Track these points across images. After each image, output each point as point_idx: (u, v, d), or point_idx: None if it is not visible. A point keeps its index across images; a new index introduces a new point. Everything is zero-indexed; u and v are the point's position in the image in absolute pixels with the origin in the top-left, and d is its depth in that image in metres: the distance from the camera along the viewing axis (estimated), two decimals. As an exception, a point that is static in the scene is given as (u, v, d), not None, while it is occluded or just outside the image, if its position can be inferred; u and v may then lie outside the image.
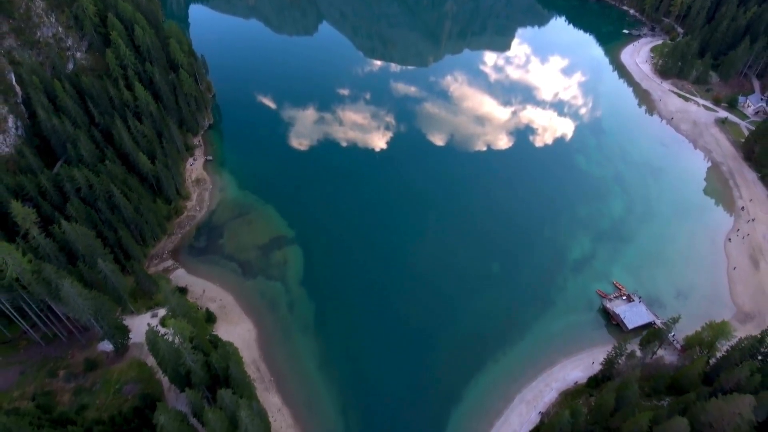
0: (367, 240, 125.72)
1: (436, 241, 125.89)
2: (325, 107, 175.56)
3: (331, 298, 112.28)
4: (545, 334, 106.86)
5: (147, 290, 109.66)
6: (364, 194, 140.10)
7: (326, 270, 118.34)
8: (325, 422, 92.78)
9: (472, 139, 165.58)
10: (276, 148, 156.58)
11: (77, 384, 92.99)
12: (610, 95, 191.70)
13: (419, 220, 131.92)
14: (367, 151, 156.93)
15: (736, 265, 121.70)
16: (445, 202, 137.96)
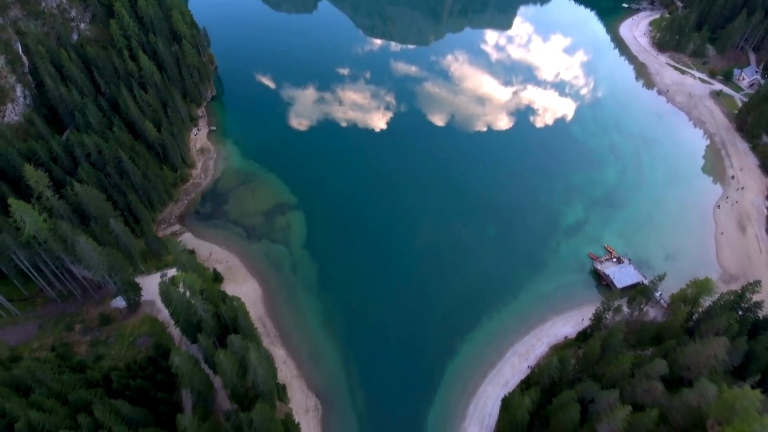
0: (368, 206, 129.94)
1: (434, 208, 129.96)
2: (325, 85, 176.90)
3: (333, 260, 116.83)
4: (538, 293, 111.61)
5: (156, 252, 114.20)
6: (364, 164, 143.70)
7: (328, 234, 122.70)
8: (327, 373, 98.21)
9: (471, 111, 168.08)
10: (277, 121, 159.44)
11: (93, 337, 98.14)
12: (608, 69, 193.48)
13: (418, 189, 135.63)
14: (367, 125, 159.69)
15: (723, 230, 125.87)
16: (443, 172, 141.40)
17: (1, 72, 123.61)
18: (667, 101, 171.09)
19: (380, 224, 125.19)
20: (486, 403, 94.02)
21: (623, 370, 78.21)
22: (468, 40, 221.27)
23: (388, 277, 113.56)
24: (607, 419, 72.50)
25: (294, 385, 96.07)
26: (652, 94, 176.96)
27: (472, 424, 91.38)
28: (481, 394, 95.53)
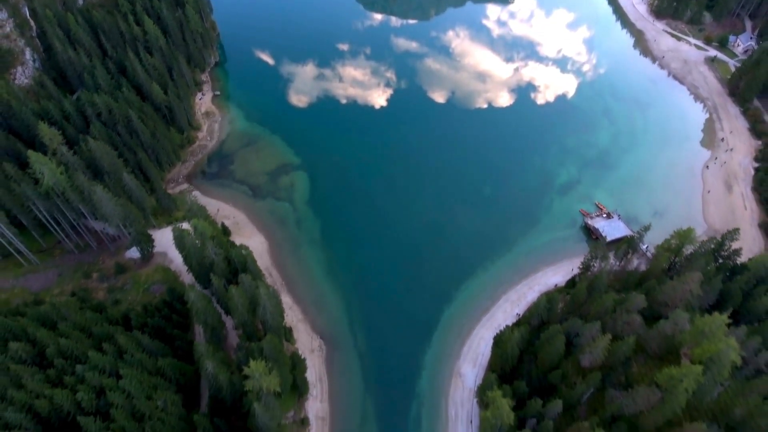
0: (369, 166, 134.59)
1: (432, 168, 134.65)
2: (324, 55, 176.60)
3: (335, 216, 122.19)
4: (530, 246, 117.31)
5: (166, 208, 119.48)
6: (365, 127, 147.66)
7: (330, 192, 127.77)
8: (331, 317, 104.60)
9: (471, 81, 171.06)
10: (280, 86, 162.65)
11: (110, 284, 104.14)
12: (605, 36, 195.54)
13: (418, 151, 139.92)
14: (367, 92, 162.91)
15: (710, 188, 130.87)
16: (442, 136, 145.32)
17: (10, 36, 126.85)
18: (662, 67, 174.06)
19: (381, 183, 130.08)
20: (479, 344, 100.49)
21: (606, 307, 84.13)
22: (469, 15, 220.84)
23: (387, 232, 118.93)
24: (590, 349, 78.82)
25: (300, 328, 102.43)
26: (648, 60, 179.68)
27: (466, 362, 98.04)
28: (474, 336, 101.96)
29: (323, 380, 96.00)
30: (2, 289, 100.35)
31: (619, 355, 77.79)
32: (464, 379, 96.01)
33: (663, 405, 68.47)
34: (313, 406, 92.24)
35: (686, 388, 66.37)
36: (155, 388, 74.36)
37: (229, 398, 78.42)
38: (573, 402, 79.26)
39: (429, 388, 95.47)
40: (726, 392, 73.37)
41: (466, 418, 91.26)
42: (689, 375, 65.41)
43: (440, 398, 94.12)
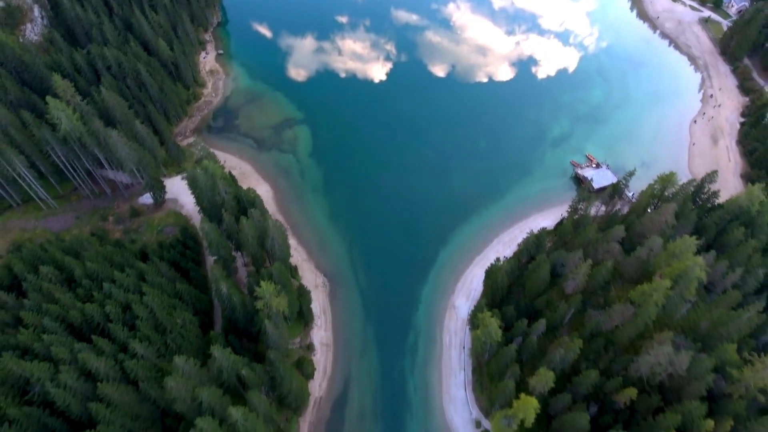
0: (370, 120, 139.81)
1: (430, 122, 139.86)
2: (325, 17, 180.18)
3: (337, 167, 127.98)
4: (523, 194, 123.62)
5: (176, 158, 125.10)
6: (366, 83, 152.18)
7: (332, 145, 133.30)
8: (333, 258, 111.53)
9: (470, 41, 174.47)
10: (282, 44, 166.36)
11: (125, 226, 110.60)
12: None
13: (417, 107, 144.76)
14: (368, 51, 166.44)
15: (696, 142, 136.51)
16: (441, 93, 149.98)
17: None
18: (656, 28, 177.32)
19: (381, 136, 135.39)
20: (472, 281, 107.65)
21: (589, 239, 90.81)
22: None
23: (387, 181, 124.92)
24: (572, 275, 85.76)
25: (304, 266, 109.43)
26: (643, 21, 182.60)
27: (460, 296, 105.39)
28: (468, 274, 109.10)
29: (327, 312, 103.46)
30: (25, 229, 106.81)
31: (598, 279, 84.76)
32: (458, 311, 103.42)
33: (635, 319, 75.69)
34: (317, 334, 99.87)
35: (656, 302, 73.43)
36: (174, 308, 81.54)
37: (241, 320, 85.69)
38: (556, 323, 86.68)
39: (425, 319, 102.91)
40: (694, 310, 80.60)
41: (459, 344, 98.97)
42: (659, 289, 72.38)
43: (435, 328, 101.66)
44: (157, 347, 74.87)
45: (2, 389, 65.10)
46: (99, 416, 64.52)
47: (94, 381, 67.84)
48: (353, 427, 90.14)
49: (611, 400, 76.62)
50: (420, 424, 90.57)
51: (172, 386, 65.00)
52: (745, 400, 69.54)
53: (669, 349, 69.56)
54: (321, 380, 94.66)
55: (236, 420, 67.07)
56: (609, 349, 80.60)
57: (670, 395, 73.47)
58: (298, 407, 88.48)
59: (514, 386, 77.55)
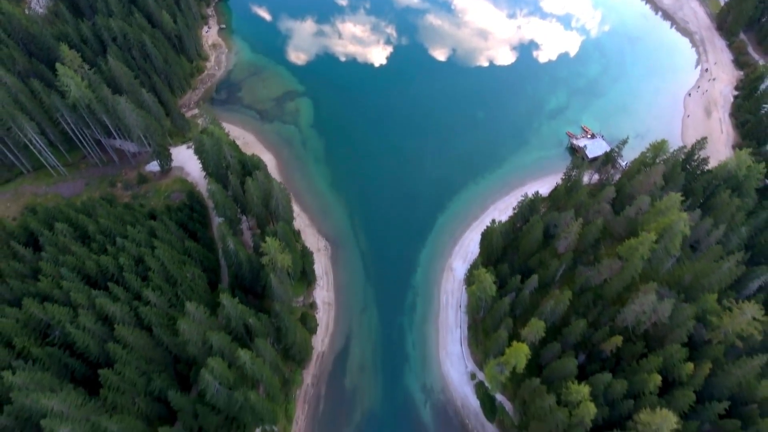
0: (370, 92, 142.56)
1: (430, 94, 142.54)
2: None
3: (338, 138, 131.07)
4: (519, 163, 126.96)
5: (181, 128, 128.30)
6: (367, 57, 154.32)
7: (334, 116, 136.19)
8: (335, 223, 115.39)
9: (470, 17, 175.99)
10: (283, 19, 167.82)
11: (133, 192, 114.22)
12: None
13: (417, 80, 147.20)
14: (370, 26, 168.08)
15: (690, 114, 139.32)
16: (439, 67, 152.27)
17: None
18: (654, 4, 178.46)
19: (382, 108, 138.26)
20: (469, 244, 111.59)
21: (581, 201, 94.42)
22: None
23: (387, 150, 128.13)
24: (564, 234, 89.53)
25: (307, 231, 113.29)
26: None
27: (457, 259, 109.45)
28: (465, 238, 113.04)
29: (329, 273, 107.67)
30: (37, 194, 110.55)
31: (589, 238, 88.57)
32: (455, 272, 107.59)
33: (623, 272, 79.66)
34: (320, 294, 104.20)
35: (642, 255, 77.31)
36: (183, 264, 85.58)
37: (247, 276, 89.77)
38: (548, 280, 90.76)
39: (423, 280, 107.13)
40: (679, 266, 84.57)
41: (456, 303, 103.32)
42: (645, 242, 76.23)
43: (433, 288, 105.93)
44: (168, 297, 79.00)
45: (25, 331, 69.36)
46: (116, 356, 68.87)
47: (110, 325, 72.07)
48: (354, 379, 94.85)
49: (599, 350, 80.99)
50: (418, 376, 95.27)
51: (185, 329, 69.25)
52: (723, 345, 73.79)
53: (653, 298, 73.59)
54: (323, 336, 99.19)
55: (244, 362, 71.55)
56: (597, 303, 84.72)
57: (654, 343, 77.72)
58: (302, 360, 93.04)
59: (507, 336, 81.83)
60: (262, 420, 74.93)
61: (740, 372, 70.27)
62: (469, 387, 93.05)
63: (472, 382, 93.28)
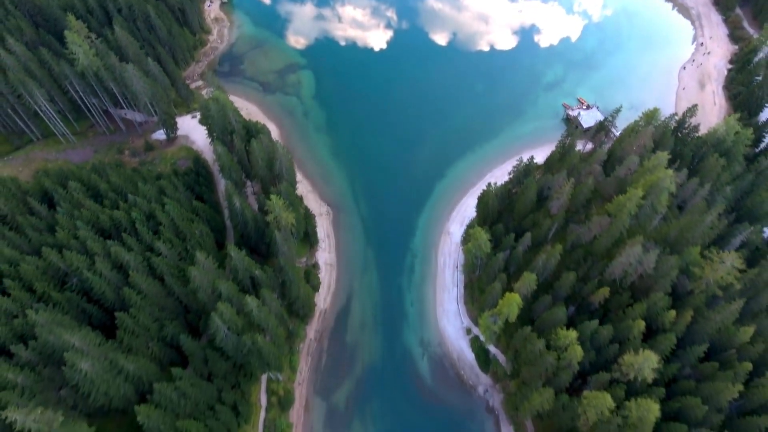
0: (371, 64, 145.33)
1: (429, 68, 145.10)
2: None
3: (339, 108, 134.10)
4: (516, 133, 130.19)
5: (185, 98, 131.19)
6: (368, 31, 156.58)
7: (335, 88, 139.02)
8: (336, 189, 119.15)
9: None
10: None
11: (141, 159, 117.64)
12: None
13: (416, 53, 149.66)
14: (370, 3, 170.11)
15: (685, 86, 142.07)
16: (440, 39, 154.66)
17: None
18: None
19: (382, 79, 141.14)
20: (466, 210, 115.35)
21: (573, 163, 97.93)
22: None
23: (387, 120, 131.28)
24: (557, 195, 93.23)
25: (309, 197, 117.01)
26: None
27: (454, 224, 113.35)
28: (462, 203, 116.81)
29: (330, 236, 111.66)
30: (48, 160, 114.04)
31: (580, 198, 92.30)
32: (452, 236, 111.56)
33: (611, 228, 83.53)
34: (322, 256, 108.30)
35: (630, 211, 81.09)
36: (192, 221, 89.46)
37: (253, 235, 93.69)
38: (541, 239, 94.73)
39: (422, 243, 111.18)
40: (665, 223, 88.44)
41: (453, 264, 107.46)
42: (632, 198, 79.96)
43: (431, 251, 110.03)
44: (178, 251, 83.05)
45: (45, 277, 73.46)
46: (131, 302, 73.13)
47: (125, 274, 76.21)
48: (355, 335, 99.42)
49: (588, 302, 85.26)
50: (416, 332, 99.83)
51: (195, 275, 73.36)
52: (705, 295, 77.96)
53: (639, 250, 77.55)
54: (325, 295, 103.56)
55: (251, 309, 75.79)
56: (587, 259, 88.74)
57: (640, 294, 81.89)
58: (305, 316, 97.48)
59: (501, 289, 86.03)
60: (269, 365, 79.37)
61: (719, 317, 74.48)
62: (465, 341, 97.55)
63: (467, 336, 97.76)
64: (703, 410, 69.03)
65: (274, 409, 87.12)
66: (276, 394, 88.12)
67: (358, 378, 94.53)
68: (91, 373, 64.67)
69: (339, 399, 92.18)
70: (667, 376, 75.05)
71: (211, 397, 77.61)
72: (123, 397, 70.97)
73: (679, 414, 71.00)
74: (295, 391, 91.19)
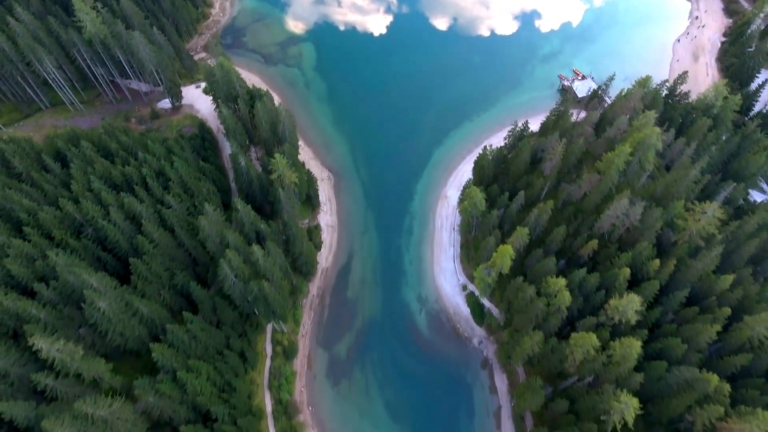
0: (371, 36, 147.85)
1: (428, 39, 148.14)
2: None
3: (340, 79, 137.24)
4: (512, 103, 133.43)
5: (189, 68, 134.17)
6: (368, 4, 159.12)
7: (335, 60, 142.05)
8: (337, 156, 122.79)
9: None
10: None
11: (147, 126, 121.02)
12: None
13: (415, 25, 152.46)
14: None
15: (679, 58, 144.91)
16: (438, 13, 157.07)
17: None
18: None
19: (382, 52, 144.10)
20: (462, 176, 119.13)
21: (566, 127, 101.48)
22: None
23: (387, 91, 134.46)
24: (549, 156, 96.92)
25: (311, 163, 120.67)
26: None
27: (452, 188, 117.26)
28: (459, 170, 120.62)
29: (332, 200, 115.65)
30: (57, 126, 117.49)
31: (572, 158, 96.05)
32: (449, 200, 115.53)
33: (601, 184, 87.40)
34: (323, 218, 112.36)
35: (618, 167, 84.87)
36: (199, 180, 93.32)
37: (258, 194, 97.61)
38: (534, 198, 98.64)
39: (420, 207, 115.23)
40: (652, 181, 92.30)
41: (450, 226, 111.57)
42: (621, 155, 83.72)
43: (429, 213, 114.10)
44: (186, 206, 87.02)
45: (62, 226, 77.57)
46: (144, 249, 77.32)
47: (137, 225, 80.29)
48: (356, 291, 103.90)
49: (577, 256, 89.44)
50: (414, 289, 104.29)
51: (205, 224, 77.46)
52: (687, 245, 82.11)
53: (626, 203, 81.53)
54: (327, 254, 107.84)
55: (257, 258, 79.94)
56: (578, 216, 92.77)
57: (627, 247, 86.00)
58: (308, 273, 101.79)
59: (495, 243, 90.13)
60: (274, 313, 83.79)
61: (700, 265, 78.67)
62: (461, 297, 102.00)
63: (463, 292, 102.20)
64: (682, 349, 73.50)
65: (279, 358, 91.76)
66: (281, 344, 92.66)
67: (359, 331, 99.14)
68: (108, 312, 69.03)
69: (340, 350, 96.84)
70: (650, 321, 79.38)
71: (220, 342, 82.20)
72: (137, 339, 75.47)
73: (660, 354, 75.52)
74: (298, 343, 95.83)
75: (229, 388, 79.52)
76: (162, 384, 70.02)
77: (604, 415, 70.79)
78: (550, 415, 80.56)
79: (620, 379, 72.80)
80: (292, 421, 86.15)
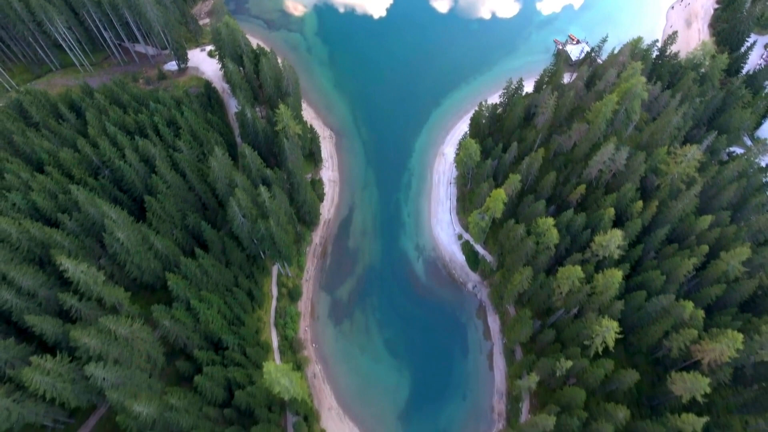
0: (372, 2, 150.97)
1: (427, 6, 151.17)
2: None
3: (341, 43, 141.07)
4: (508, 67, 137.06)
5: (194, 32, 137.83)
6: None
7: (337, 25, 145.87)
8: (339, 116, 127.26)
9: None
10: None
11: (154, 87, 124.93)
12: None
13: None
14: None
15: (672, 24, 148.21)
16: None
17: None
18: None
19: (382, 18, 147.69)
20: (459, 134, 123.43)
21: (558, 83, 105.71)
22: None
23: (387, 56, 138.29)
24: (542, 110, 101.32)
25: (314, 123, 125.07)
26: None
27: (449, 146, 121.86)
28: (456, 129, 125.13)
29: (333, 157, 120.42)
30: (68, 86, 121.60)
31: (563, 111, 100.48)
32: (446, 157, 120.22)
33: (589, 133, 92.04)
34: (326, 174, 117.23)
35: (605, 115, 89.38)
36: (207, 131, 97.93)
37: (263, 145, 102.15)
38: (526, 150, 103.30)
39: (418, 163, 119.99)
40: (639, 133, 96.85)
41: (447, 181, 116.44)
42: (608, 104, 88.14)
43: (426, 170, 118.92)
44: (196, 153, 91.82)
45: (81, 167, 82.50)
46: (157, 189, 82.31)
47: (151, 168, 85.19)
48: (357, 241, 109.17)
49: (567, 202, 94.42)
50: (412, 239, 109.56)
51: (215, 165, 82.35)
52: (669, 188, 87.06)
53: (612, 148, 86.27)
54: (329, 207, 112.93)
55: (264, 200, 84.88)
56: (568, 165, 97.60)
57: (613, 191, 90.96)
58: (311, 223, 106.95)
59: (488, 189, 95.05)
60: (280, 253, 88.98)
61: (680, 205, 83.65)
62: (457, 246, 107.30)
63: (459, 241, 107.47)
64: (661, 280, 78.91)
65: (285, 299, 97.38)
66: (286, 287, 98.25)
67: (359, 277, 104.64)
68: (127, 243, 74.28)
69: (342, 294, 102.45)
70: (633, 258, 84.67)
71: (229, 280, 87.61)
72: (153, 273, 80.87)
73: (641, 286, 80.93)
74: (302, 287, 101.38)
75: (238, 322, 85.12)
76: (177, 311, 75.52)
77: (587, 341, 76.41)
78: (539, 347, 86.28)
79: (603, 307, 78.27)
80: (297, 355, 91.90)
